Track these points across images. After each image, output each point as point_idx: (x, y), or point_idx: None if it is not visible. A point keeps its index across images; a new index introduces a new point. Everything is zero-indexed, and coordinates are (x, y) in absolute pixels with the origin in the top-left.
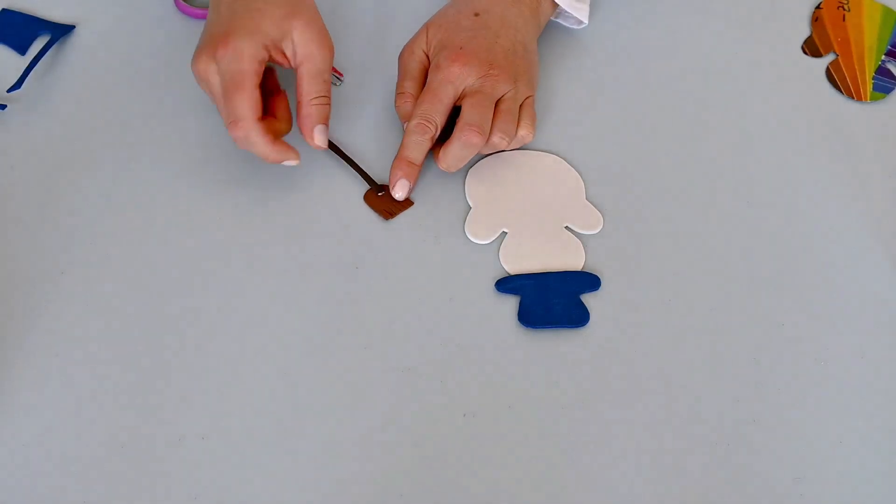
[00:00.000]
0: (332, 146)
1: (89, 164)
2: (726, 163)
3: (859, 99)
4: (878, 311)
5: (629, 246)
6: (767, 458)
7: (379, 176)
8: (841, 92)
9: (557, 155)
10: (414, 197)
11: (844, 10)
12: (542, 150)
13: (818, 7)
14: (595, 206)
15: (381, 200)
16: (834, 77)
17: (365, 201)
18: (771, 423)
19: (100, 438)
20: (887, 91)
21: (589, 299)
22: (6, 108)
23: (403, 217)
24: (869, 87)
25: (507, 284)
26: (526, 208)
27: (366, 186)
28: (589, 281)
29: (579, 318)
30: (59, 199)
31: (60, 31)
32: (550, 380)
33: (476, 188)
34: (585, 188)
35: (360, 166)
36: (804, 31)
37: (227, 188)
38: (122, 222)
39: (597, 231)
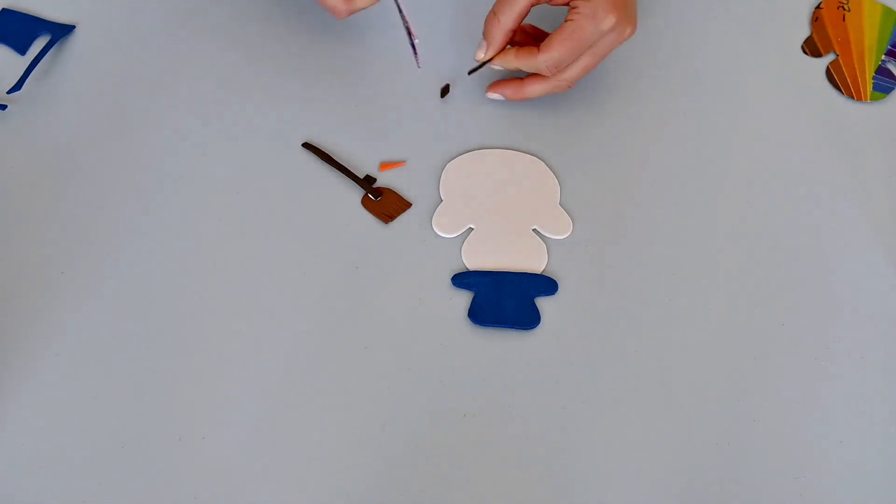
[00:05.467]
0: (324, 155)
1: (90, 164)
2: (725, 163)
3: (859, 99)
4: (878, 311)
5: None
6: (767, 457)
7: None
8: (841, 92)
9: (538, 157)
10: (411, 198)
11: (844, 10)
12: (522, 151)
13: (818, 7)
14: (568, 212)
15: (378, 205)
16: (834, 77)
17: (363, 206)
18: (771, 423)
19: (100, 438)
20: (887, 91)
21: (543, 303)
22: (6, 109)
23: (402, 219)
24: (869, 87)
25: (462, 279)
26: (496, 206)
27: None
28: (546, 284)
29: (530, 320)
30: (60, 198)
31: (60, 31)
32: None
33: (450, 182)
34: (561, 193)
35: (354, 173)
36: (804, 31)
37: (228, 189)
38: (122, 223)
39: (564, 236)
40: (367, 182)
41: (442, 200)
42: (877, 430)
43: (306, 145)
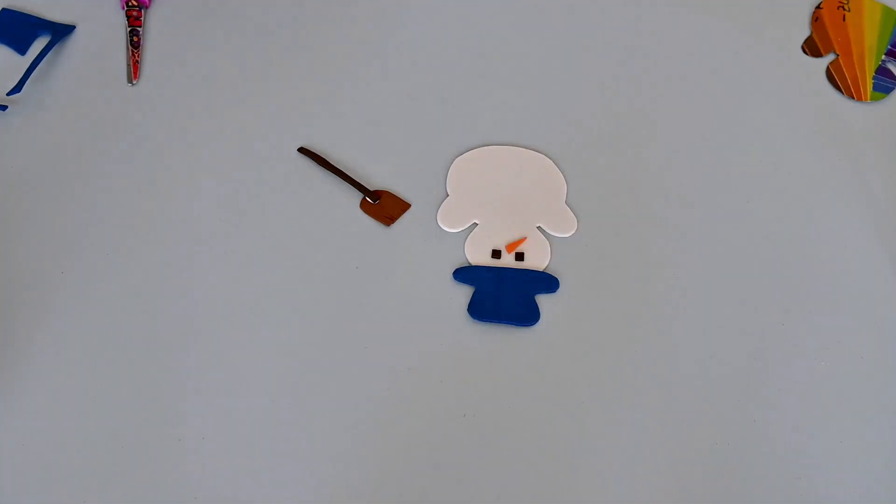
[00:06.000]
0: (320, 159)
1: (90, 165)
2: (725, 163)
3: (859, 99)
4: (878, 311)
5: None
6: (767, 458)
7: (371, 184)
8: (841, 92)
9: (547, 155)
10: (410, 199)
11: (844, 10)
12: (531, 149)
13: (818, 7)
14: (573, 211)
15: (377, 208)
16: (834, 77)
17: (362, 209)
18: (771, 423)
19: (100, 439)
20: (887, 91)
21: (544, 300)
22: (6, 110)
23: (404, 219)
24: (869, 87)
25: (464, 274)
26: (502, 202)
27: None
28: (547, 281)
29: (529, 316)
30: (60, 199)
31: (61, 32)
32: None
33: (457, 177)
34: (567, 191)
35: (351, 176)
36: (804, 31)
37: (228, 190)
38: (122, 223)
39: (568, 235)
40: (364, 186)
41: (448, 195)
42: (877, 430)
43: (302, 150)
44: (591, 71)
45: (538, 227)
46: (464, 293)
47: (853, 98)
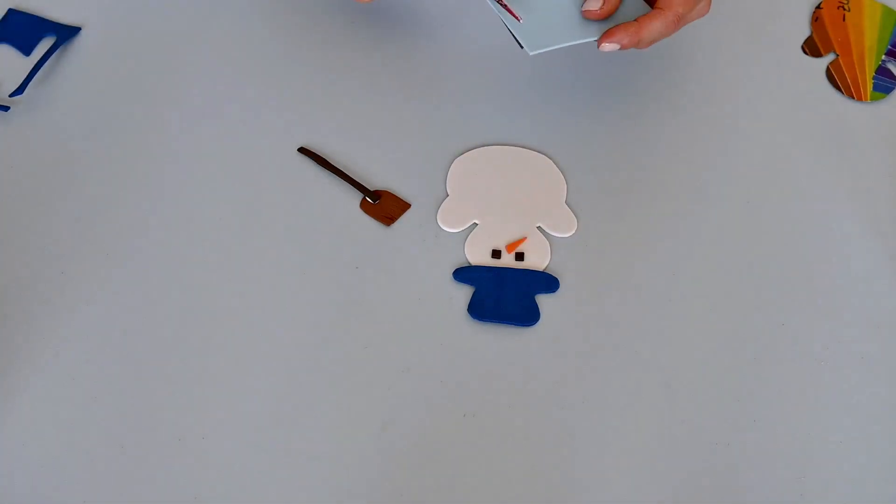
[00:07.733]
0: (320, 159)
1: (91, 166)
2: (725, 163)
3: (859, 99)
4: (878, 311)
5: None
6: (767, 458)
7: (371, 184)
8: (841, 92)
9: (547, 155)
10: (410, 199)
11: (844, 10)
12: (531, 149)
13: (818, 7)
14: (573, 211)
15: (377, 208)
16: (834, 77)
17: (362, 209)
18: (771, 423)
19: (100, 438)
20: (887, 91)
21: (544, 300)
22: (9, 110)
23: (403, 217)
24: (869, 87)
25: (464, 274)
26: (502, 202)
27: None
28: (547, 282)
29: (529, 316)
30: (61, 200)
31: (66, 33)
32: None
33: (457, 177)
34: (567, 191)
35: (351, 176)
36: (804, 31)
37: (229, 192)
38: (122, 224)
39: (568, 235)
40: (364, 186)
41: (448, 195)
42: (877, 430)
43: (302, 150)
44: (591, 70)
45: (538, 227)
46: (464, 293)
47: (853, 98)
